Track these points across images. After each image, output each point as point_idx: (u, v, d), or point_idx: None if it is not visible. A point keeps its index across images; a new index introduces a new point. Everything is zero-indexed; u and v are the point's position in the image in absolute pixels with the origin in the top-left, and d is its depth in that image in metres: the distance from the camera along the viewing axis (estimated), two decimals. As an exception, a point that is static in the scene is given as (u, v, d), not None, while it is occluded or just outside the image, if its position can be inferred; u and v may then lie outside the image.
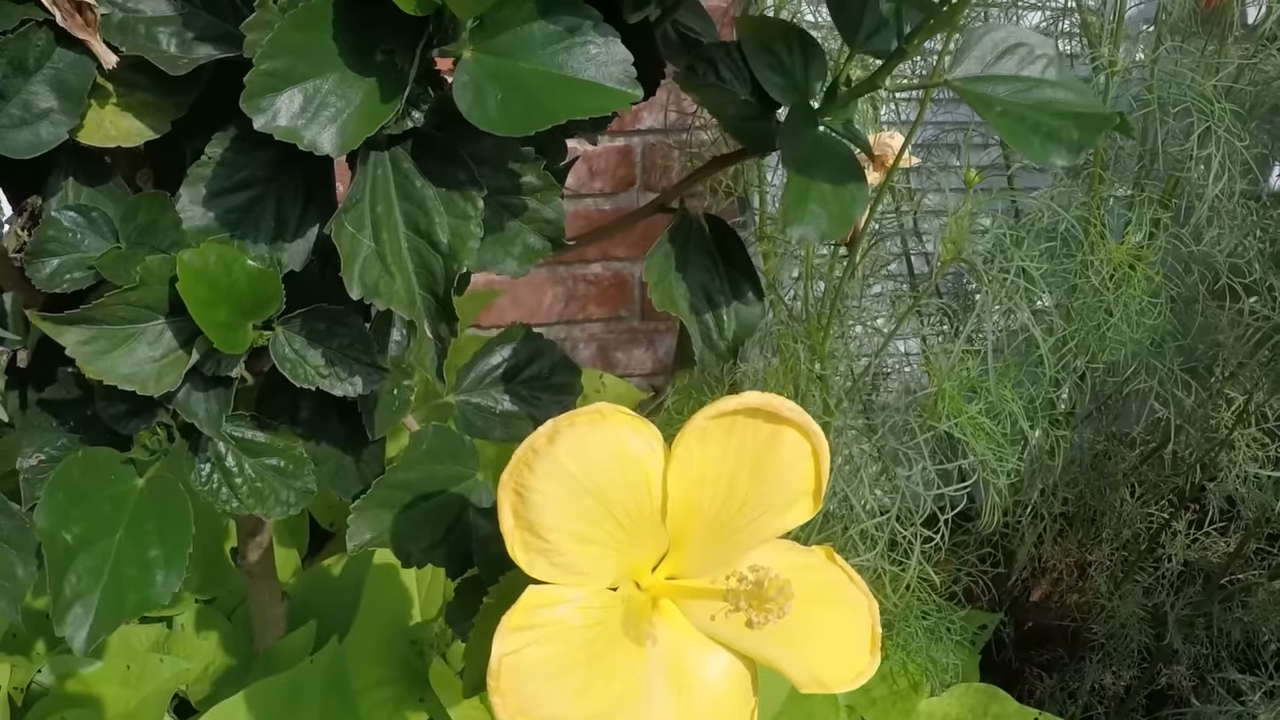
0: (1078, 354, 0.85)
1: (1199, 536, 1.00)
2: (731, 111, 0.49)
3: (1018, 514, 1.00)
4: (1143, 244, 0.82)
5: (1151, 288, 0.83)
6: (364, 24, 0.42)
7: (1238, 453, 0.89)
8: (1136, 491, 1.01)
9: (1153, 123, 0.86)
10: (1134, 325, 0.82)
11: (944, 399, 0.69)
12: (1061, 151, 0.47)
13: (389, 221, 0.44)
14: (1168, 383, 0.90)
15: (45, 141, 0.47)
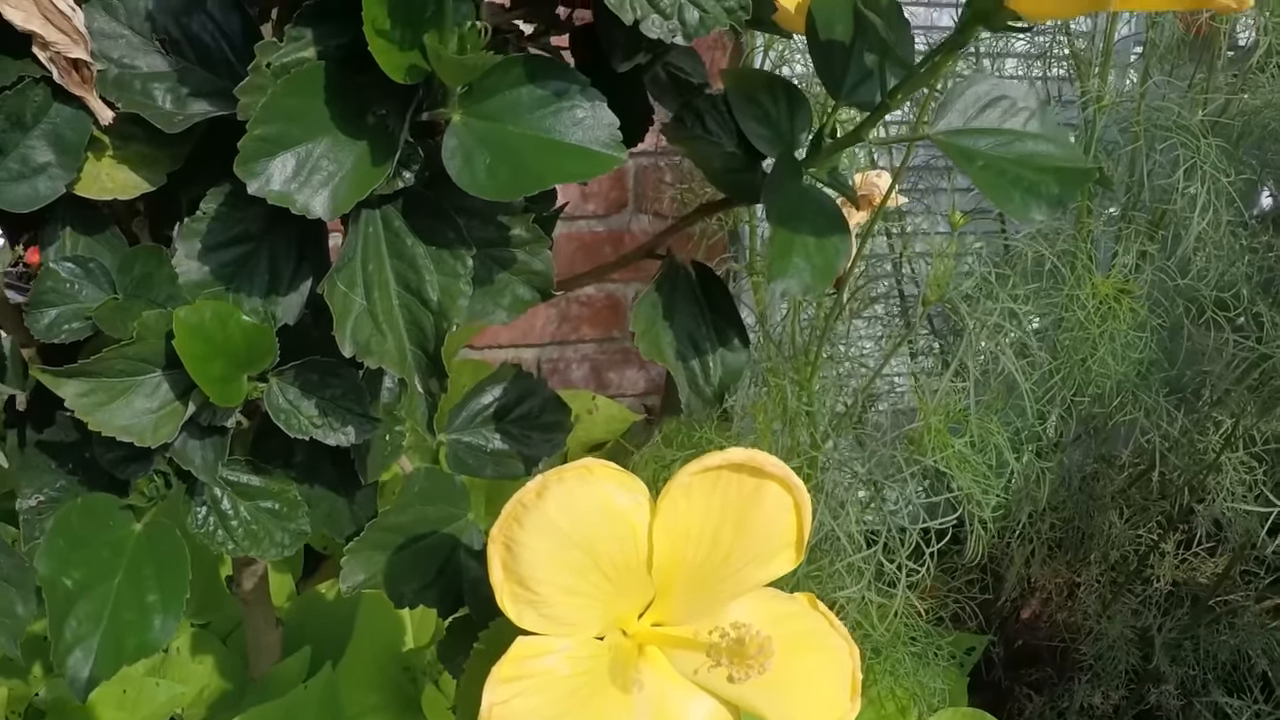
0: (1064, 387, 0.86)
1: (1187, 557, 1.02)
2: (718, 164, 0.51)
3: (1006, 537, 1.02)
4: (1129, 276, 0.84)
5: (1137, 321, 0.84)
6: (355, 88, 0.44)
7: (1225, 476, 0.91)
8: (1125, 513, 1.03)
9: (1140, 155, 0.87)
10: (1120, 359, 0.84)
11: (930, 433, 0.71)
12: (1042, 206, 0.49)
13: (380, 279, 0.45)
14: (1154, 414, 0.92)
15: (43, 195, 0.48)
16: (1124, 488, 1.03)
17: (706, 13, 0.42)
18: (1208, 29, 0.88)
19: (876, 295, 0.93)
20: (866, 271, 0.91)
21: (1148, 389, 0.91)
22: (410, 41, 0.42)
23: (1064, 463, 1.00)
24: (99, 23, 0.48)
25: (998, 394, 0.76)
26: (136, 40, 0.48)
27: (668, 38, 0.42)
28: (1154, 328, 0.87)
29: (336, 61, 0.44)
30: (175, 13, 0.48)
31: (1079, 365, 0.84)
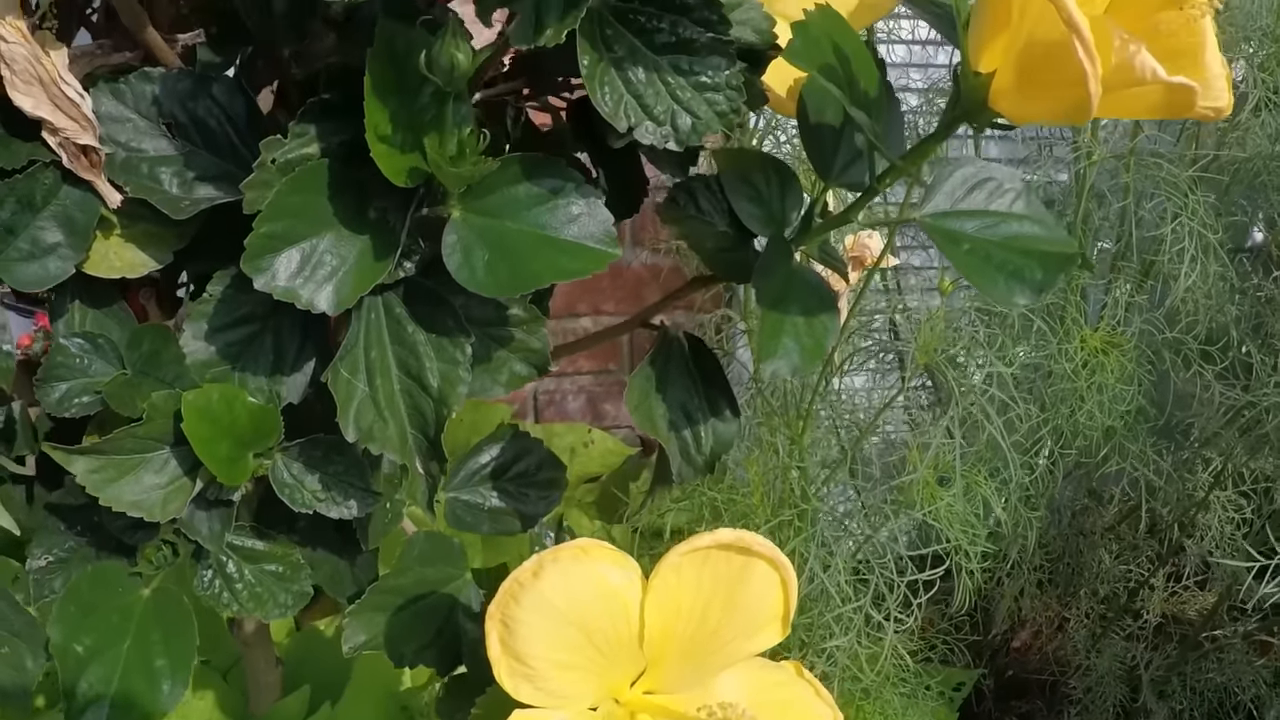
0: (1052, 439, 0.89)
1: (1177, 591, 1.06)
2: (710, 244, 0.53)
3: (997, 574, 1.04)
4: (1118, 329, 0.86)
5: (1125, 375, 0.87)
6: (358, 184, 0.46)
7: (1213, 515, 0.93)
8: (1114, 550, 1.06)
9: (1130, 209, 0.89)
10: (1107, 412, 0.86)
11: (920, 487, 0.73)
12: (1026, 292, 0.51)
13: (382, 366, 0.48)
14: (1141, 463, 0.95)
15: (53, 275, 0.51)
16: (1113, 524, 1.06)
17: (699, 119, 0.44)
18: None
19: (870, 345, 0.95)
20: (859, 329, 0.93)
21: (1135, 439, 0.93)
22: (411, 145, 0.44)
23: (1054, 498, 1.03)
24: (106, 106, 0.50)
25: (986, 445, 0.79)
26: (143, 124, 0.51)
27: (660, 144, 0.44)
28: (1142, 377, 0.90)
29: (339, 157, 0.47)
30: (181, 97, 0.51)
31: (1067, 418, 0.87)
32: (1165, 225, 0.83)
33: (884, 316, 0.98)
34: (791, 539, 0.75)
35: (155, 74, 0.51)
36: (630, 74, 0.44)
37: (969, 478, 0.74)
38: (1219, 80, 0.43)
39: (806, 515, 0.77)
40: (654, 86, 0.44)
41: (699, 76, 0.44)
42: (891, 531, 0.75)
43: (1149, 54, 0.40)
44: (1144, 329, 0.89)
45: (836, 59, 0.47)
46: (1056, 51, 0.41)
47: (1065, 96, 0.42)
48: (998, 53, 0.45)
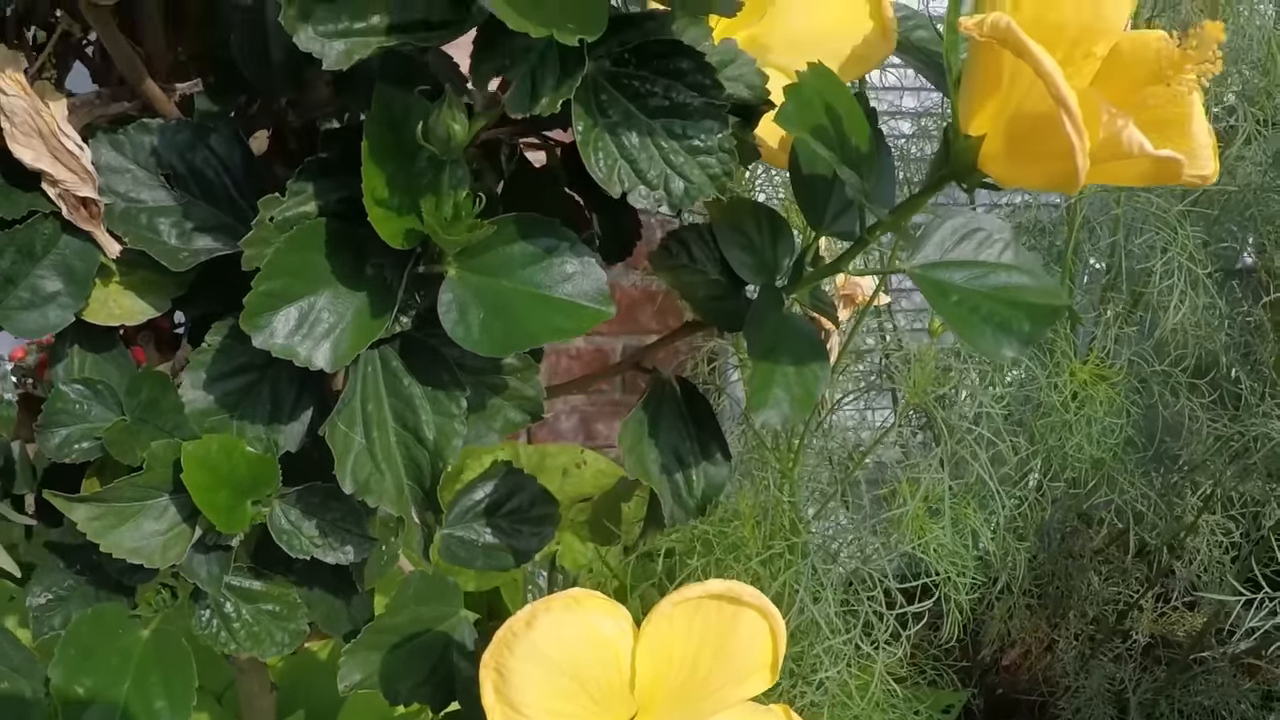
0: (1041, 472, 0.91)
1: (1166, 612, 1.07)
2: (702, 293, 0.54)
3: (987, 597, 1.06)
4: (1107, 360, 0.88)
5: (1114, 408, 0.88)
6: (355, 241, 0.47)
7: (1201, 539, 0.95)
8: (1103, 572, 1.08)
9: (1120, 245, 0.91)
10: (1096, 444, 0.88)
11: (909, 520, 0.75)
12: (1013, 343, 0.52)
13: (379, 418, 0.49)
14: (1130, 488, 0.96)
15: (53, 323, 0.52)
16: (1102, 547, 1.08)
17: (692, 183, 0.45)
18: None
19: (861, 386, 0.96)
20: (851, 365, 0.94)
21: (1124, 470, 0.95)
22: (408, 207, 0.45)
23: (1044, 524, 1.05)
24: (106, 157, 0.51)
25: (976, 478, 0.81)
26: (142, 175, 0.51)
27: (653, 208, 0.45)
28: (1131, 410, 0.91)
29: (337, 214, 0.48)
30: (179, 148, 0.52)
31: (1056, 450, 0.88)
32: (1155, 259, 0.84)
33: (876, 353, 0.99)
34: (782, 571, 0.77)
35: (154, 125, 0.51)
36: (624, 139, 0.44)
37: (958, 509, 0.76)
38: (1205, 150, 0.44)
39: (797, 548, 0.78)
40: (647, 151, 0.45)
41: (692, 140, 0.45)
42: (881, 566, 0.77)
43: (1136, 129, 0.41)
44: (1133, 360, 0.90)
45: (828, 118, 0.48)
46: (1045, 124, 0.42)
47: (1053, 167, 0.43)
48: (987, 117, 0.46)
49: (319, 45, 0.41)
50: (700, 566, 0.82)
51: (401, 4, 0.43)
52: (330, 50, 0.41)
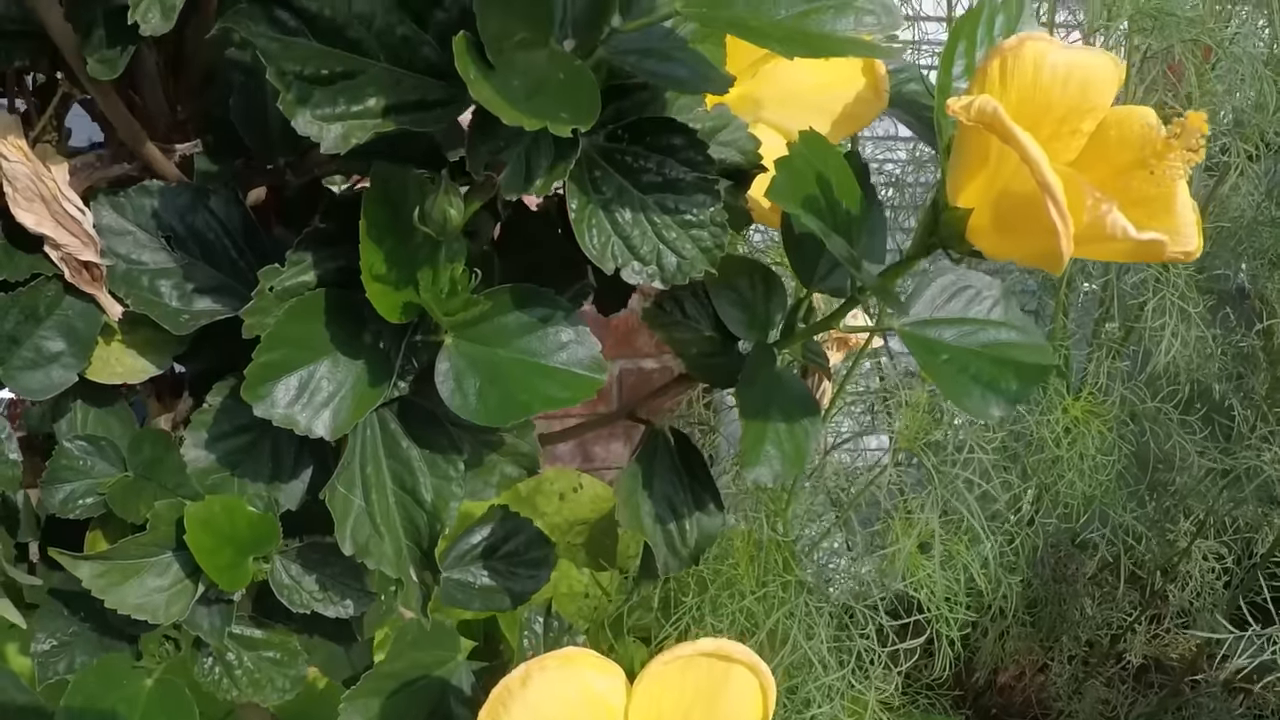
0: (1033, 509, 0.92)
1: (1159, 633, 1.09)
2: (694, 350, 0.56)
3: (981, 623, 1.07)
4: (1099, 396, 0.89)
5: (1106, 445, 0.90)
6: (353, 308, 0.48)
7: (1194, 564, 0.96)
8: (1096, 596, 1.09)
9: (1113, 281, 0.92)
10: (1088, 480, 0.89)
11: (901, 559, 0.76)
12: (1000, 402, 0.53)
13: (378, 481, 0.50)
14: (1122, 518, 0.97)
15: (57, 383, 0.53)
16: (1095, 572, 1.09)
17: (684, 258, 0.46)
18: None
19: (856, 424, 0.98)
20: (847, 407, 0.96)
21: (1116, 504, 0.96)
22: (405, 281, 0.46)
23: (1037, 552, 1.06)
24: (107, 219, 0.52)
25: (968, 513, 0.82)
26: (143, 237, 0.53)
27: (646, 283, 0.46)
28: (1123, 447, 0.92)
29: (336, 283, 0.49)
30: (180, 211, 0.53)
31: (1049, 488, 0.90)
32: (1148, 295, 0.85)
33: (870, 394, 1.00)
34: (775, 610, 0.78)
35: (154, 188, 0.52)
36: (618, 215, 0.46)
37: (950, 545, 0.77)
38: (1189, 226, 0.45)
39: (790, 586, 0.80)
40: (640, 227, 0.46)
41: (685, 215, 0.46)
42: (874, 603, 0.78)
43: (1120, 213, 0.42)
44: (1125, 396, 0.92)
45: (818, 187, 0.49)
46: (1031, 205, 0.43)
47: (1039, 246, 0.44)
48: (975, 191, 0.47)
49: (317, 129, 0.42)
50: (695, 604, 0.84)
51: (396, 86, 0.44)
52: (328, 134, 0.42)
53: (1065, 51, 0.44)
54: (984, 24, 0.54)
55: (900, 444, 0.73)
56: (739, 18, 0.41)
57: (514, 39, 0.41)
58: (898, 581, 0.77)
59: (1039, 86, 0.44)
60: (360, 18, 0.44)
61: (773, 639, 0.80)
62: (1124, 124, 0.46)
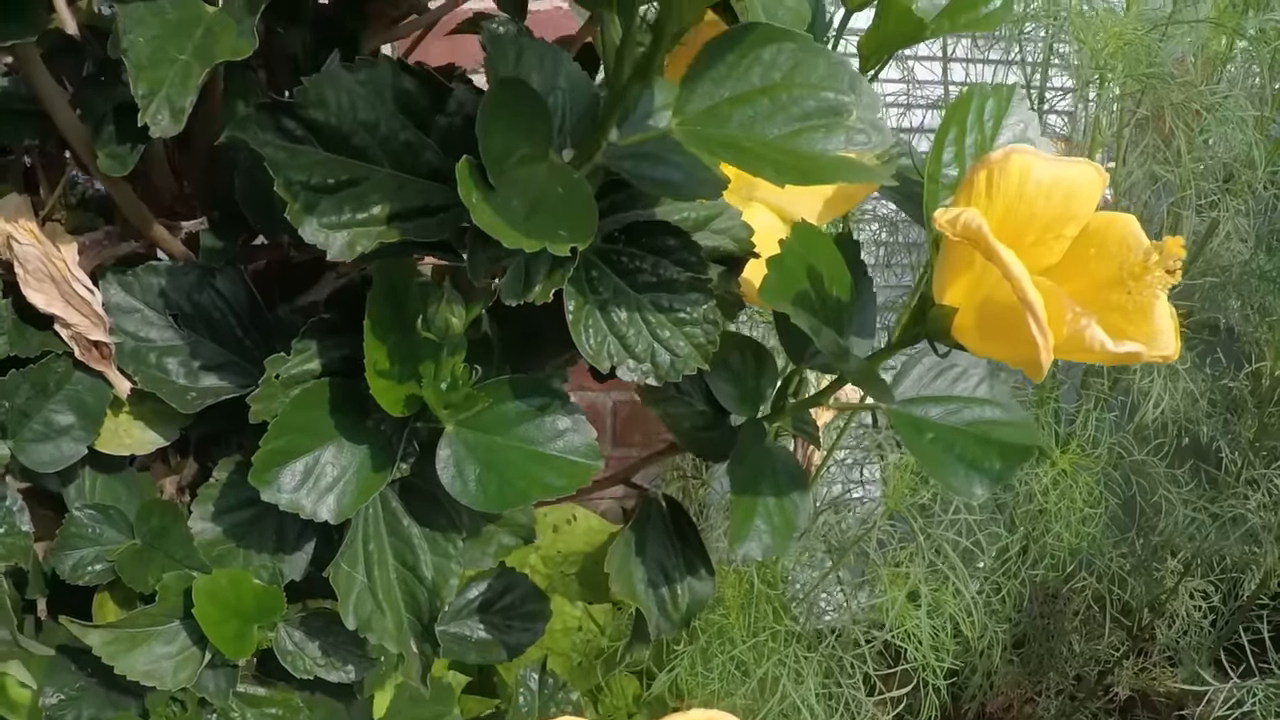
0: (1020, 560, 0.94)
1: (1147, 666, 1.11)
2: (688, 424, 0.58)
3: (968, 663, 1.09)
4: (1086, 448, 0.91)
5: (1093, 498, 0.92)
6: (356, 395, 0.50)
7: (1180, 603, 0.99)
8: (1084, 633, 1.11)
9: None
10: (1075, 532, 0.91)
11: (891, 611, 0.79)
12: (985, 482, 0.55)
13: (380, 557, 0.52)
14: (1109, 556, 1.00)
15: (66, 456, 0.55)
16: (1082, 609, 1.11)
17: (678, 356, 0.48)
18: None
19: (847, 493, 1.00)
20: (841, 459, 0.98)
21: (1102, 554, 0.98)
22: (407, 375, 0.48)
23: (1024, 596, 1.08)
24: (115, 297, 0.54)
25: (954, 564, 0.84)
26: (151, 314, 0.54)
27: (641, 379, 0.48)
28: (1109, 498, 0.94)
29: (339, 371, 0.51)
30: (186, 289, 0.54)
31: (1036, 540, 0.92)
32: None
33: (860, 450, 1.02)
34: (765, 660, 0.81)
35: (161, 267, 0.54)
36: (614, 315, 0.47)
37: (938, 595, 0.79)
38: (1166, 333, 0.47)
39: (780, 635, 0.82)
40: (635, 325, 0.48)
41: (678, 313, 0.48)
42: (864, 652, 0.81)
43: (1099, 328, 0.44)
44: (1113, 447, 0.94)
45: (809, 280, 0.51)
46: (1013, 315, 0.45)
47: (1021, 353, 0.46)
48: (960, 292, 0.49)
49: (323, 237, 0.44)
50: (687, 654, 0.86)
51: (400, 192, 0.46)
52: (334, 242, 0.44)
53: (1049, 164, 0.46)
54: (974, 111, 0.56)
55: (888, 505, 0.75)
56: (732, 139, 0.43)
57: (515, 156, 0.42)
58: (886, 633, 0.80)
59: (1024, 198, 0.46)
60: (364, 125, 0.45)
61: (763, 687, 0.83)
62: (1107, 230, 0.48)
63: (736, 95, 0.43)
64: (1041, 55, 1.02)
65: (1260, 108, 0.92)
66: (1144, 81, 0.88)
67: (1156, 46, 0.86)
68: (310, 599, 0.58)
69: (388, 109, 0.46)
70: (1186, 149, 0.89)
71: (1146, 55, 0.85)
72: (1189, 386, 0.92)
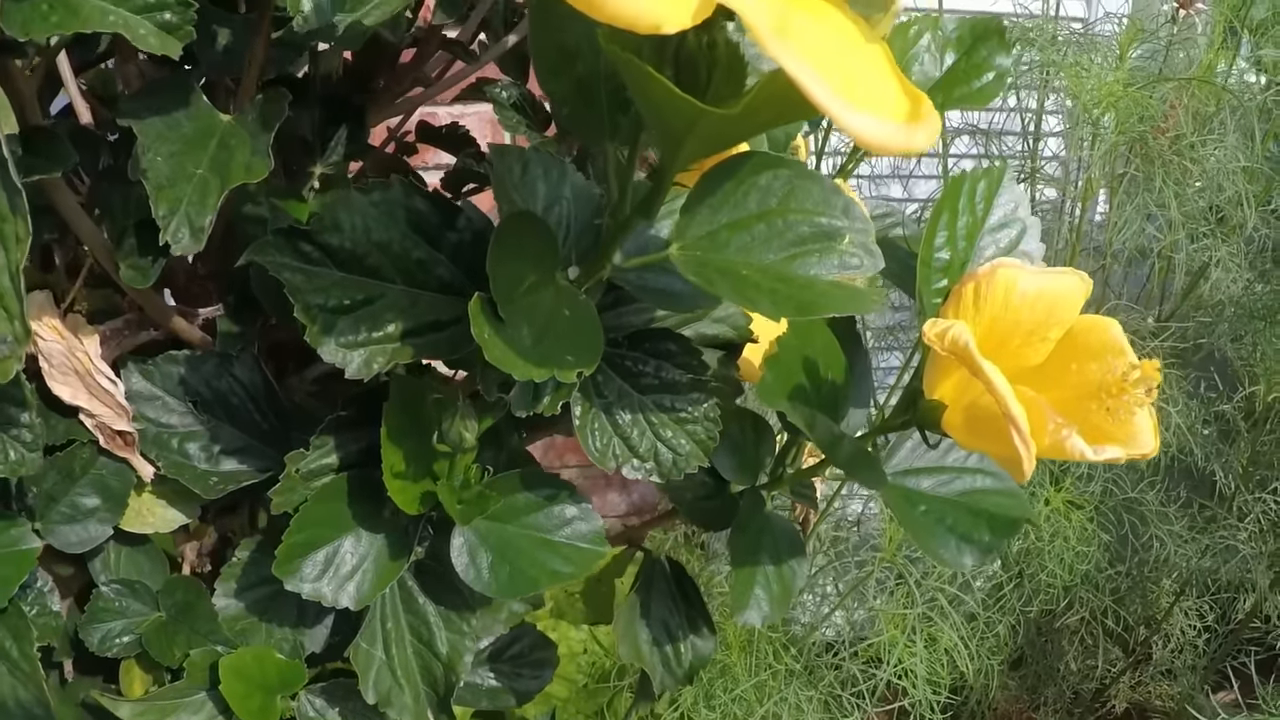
0: (1014, 597, 0.98)
1: (1144, 680, 1.15)
2: (689, 495, 0.61)
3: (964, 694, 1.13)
4: (1080, 486, 0.94)
5: (1086, 536, 0.95)
6: (373, 488, 0.54)
7: (1175, 624, 1.03)
8: (1080, 653, 1.15)
9: None
10: (1068, 569, 0.95)
11: (889, 645, 0.83)
12: (975, 554, 0.59)
13: (397, 635, 0.56)
14: (1102, 601, 1.04)
15: (94, 537, 0.58)
16: (1078, 628, 1.15)
17: (679, 454, 0.51)
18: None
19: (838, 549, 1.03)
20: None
21: (1097, 589, 1.02)
22: (422, 474, 0.52)
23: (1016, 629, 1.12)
24: (137, 385, 0.57)
25: (947, 607, 0.88)
26: (172, 402, 0.58)
27: (644, 478, 0.52)
28: (1103, 532, 0.98)
29: (356, 464, 0.54)
30: (205, 377, 0.58)
31: (1031, 578, 0.96)
32: None
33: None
34: (766, 700, 0.85)
35: (180, 357, 0.57)
36: (618, 417, 0.51)
37: (933, 631, 0.83)
38: (1145, 432, 0.50)
39: (780, 675, 0.87)
40: (639, 426, 0.51)
41: (680, 412, 0.51)
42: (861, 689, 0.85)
43: (1079, 437, 0.47)
44: (1106, 484, 0.97)
45: (805, 373, 0.55)
46: (998, 422, 0.48)
47: (1005, 454, 0.49)
48: (949, 390, 0.52)
49: (341, 356, 0.47)
50: (690, 691, 0.91)
51: (413, 308, 0.49)
52: (351, 361, 0.47)
53: (1034, 276, 0.49)
54: (965, 195, 0.59)
55: (884, 557, 0.79)
56: (731, 265, 0.46)
57: (524, 285, 0.46)
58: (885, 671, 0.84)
59: (1009, 308, 0.49)
60: (378, 245, 0.48)
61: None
62: (1090, 332, 0.51)
63: (734, 221, 0.46)
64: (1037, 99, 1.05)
65: (1250, 158, 0.95)
66: (1133, 136, 0.90)
67: (1146, 100, 0.89)
68: (329, 663, 0.62)
69: (400, 229, 0.49)
70: (1174, 199, 0.92)
71: (1136, 109, 0.88)
72: (1180, 422, 0.95)
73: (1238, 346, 1.04)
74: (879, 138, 0.33)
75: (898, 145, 0.34)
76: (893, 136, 0.33)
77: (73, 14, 0.41)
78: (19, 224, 0.41)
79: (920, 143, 0.34)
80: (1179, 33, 0.96)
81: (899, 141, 0.34)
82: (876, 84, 0.36)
